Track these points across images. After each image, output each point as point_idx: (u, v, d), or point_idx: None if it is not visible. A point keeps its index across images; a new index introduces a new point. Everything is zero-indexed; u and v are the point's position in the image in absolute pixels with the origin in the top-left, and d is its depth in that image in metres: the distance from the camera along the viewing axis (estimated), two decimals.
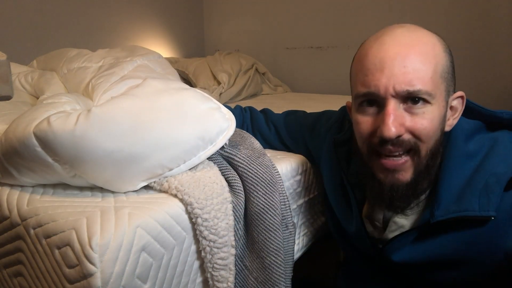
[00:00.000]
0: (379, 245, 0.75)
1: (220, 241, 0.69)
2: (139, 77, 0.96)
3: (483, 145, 0.66)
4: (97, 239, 0.55)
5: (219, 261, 0.69)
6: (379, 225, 0.75)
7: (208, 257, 0.69)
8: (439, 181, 0.65)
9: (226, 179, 0.77)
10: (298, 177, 0.97)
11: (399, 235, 0.69)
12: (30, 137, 0.63)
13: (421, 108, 0.62)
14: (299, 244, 1.00)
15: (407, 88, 0.60)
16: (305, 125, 0.97)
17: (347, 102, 0.78)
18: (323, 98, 2.20)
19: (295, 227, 0.90)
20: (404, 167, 0.64)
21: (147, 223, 0.61)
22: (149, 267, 0.62)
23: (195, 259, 0.71)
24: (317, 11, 2.54)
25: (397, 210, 0.70)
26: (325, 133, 0.90)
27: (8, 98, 0.72)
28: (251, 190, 0.78)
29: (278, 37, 2.75)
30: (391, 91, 0.61)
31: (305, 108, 1.10)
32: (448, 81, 0.64)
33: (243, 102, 2.12)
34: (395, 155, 0.64)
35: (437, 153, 0.66)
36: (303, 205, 1.00)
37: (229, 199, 0.73)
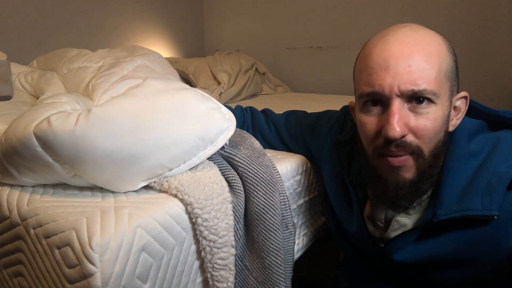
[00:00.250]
0: (380, 245, 0.75)
1: (220, 241, 0.69)
2: (139, 77, 0.96)
3: (485, 145, 0.66)
4: (97, 239, 0.55)
5: (219, 261, 0.69)
6: (381, 224, 0.75)
7: (208, 257, 0.69)
8: (442, 181, 0.65)
9: (226, 179, 0.77)
10: (298, 177, 0.96)
11: (401, 234, 0.69)
12: (30, 137, 0.63)
13: (425, 108, 0.61)
14: (299, 244, 1.00)
15: (412, 87, 0.60)
16: (305, 125, 0.97)
17: (350, 102, 0.78)
18: (323, 98, 2.20)
19: (295, 227, 0.90)
20: (408, 164, 0.64)
21: (147, 223, 0.61)
22: (149, 267, 0.62)
23: (195, 259, 0.71)
24: (317, 11, 2.54)
25: (400, 209, 0.70)
26: (326, 133, 0.90)
27: (8, 98, 0.72)
28: (251, 190, 0.78)
29: (278, 37, 2.75)
30: (395, 90, 0.61)
31: (305, 108, 1.10)
32: (452, 80, 0.64)
33: (243, 102, 2.12)
34: (399, 155, 0.64)
35: (440, 154, 0.65)
36: (303, 205, 1.00)
37: (229, 199, 0.73)
